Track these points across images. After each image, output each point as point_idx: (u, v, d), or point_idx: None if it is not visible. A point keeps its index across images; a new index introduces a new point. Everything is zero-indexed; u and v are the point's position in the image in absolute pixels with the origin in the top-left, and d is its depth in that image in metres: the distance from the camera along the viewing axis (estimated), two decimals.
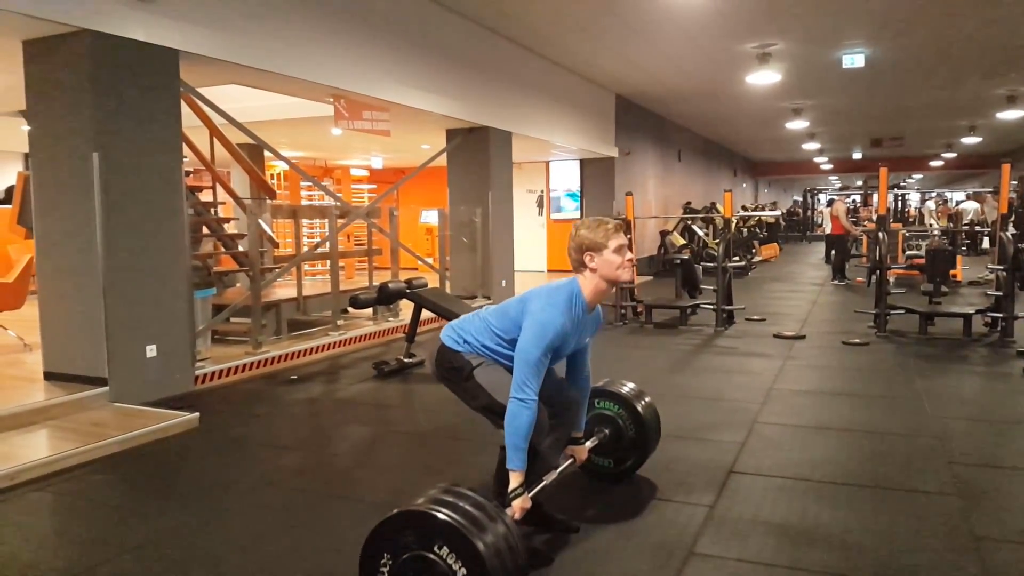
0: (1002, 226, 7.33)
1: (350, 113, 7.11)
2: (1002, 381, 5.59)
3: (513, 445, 2.51)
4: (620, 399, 3.37)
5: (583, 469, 3.36)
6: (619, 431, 3.35)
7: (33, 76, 4.85)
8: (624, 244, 2.68)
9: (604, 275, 2.66)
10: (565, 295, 2.63)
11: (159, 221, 5.10)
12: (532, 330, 2.55)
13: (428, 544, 2.10)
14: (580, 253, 2.67)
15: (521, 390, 2.51)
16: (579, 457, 3.04)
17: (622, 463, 3.40)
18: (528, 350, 2.53)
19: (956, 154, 24.08)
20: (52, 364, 4.98)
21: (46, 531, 3.22)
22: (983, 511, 3.14)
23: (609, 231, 2.66)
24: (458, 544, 2.06)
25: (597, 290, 2.69)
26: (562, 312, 2.58)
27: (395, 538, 2.15)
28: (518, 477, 2.52)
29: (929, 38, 9.62)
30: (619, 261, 2.66)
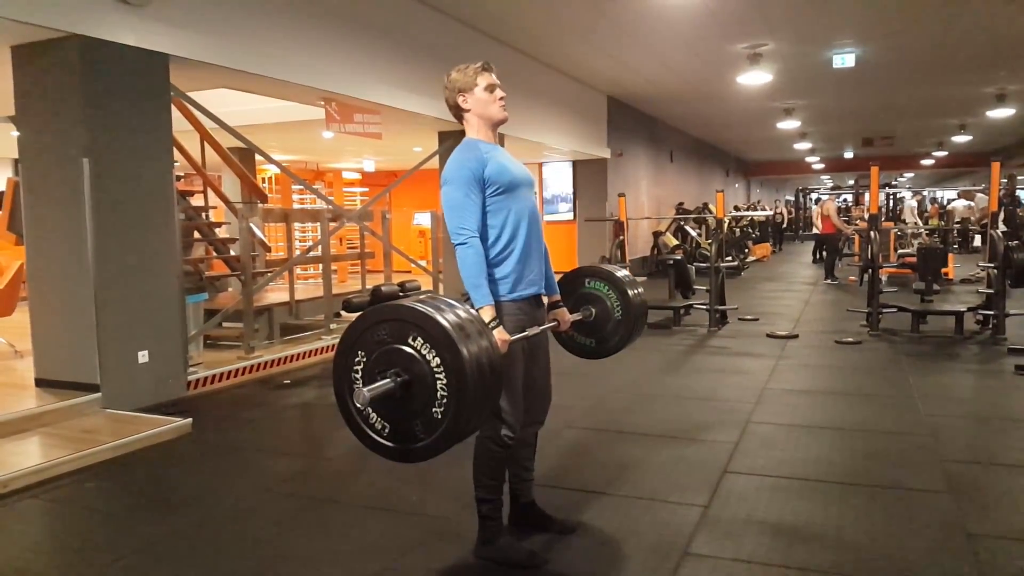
0: (992, 224, 7.37)
1: (341, 116, 7.09)
2: (994, 378, 5.62)
3: (472, 285, 2.50)
4: (612, 281, 3.26)
5: (564, 346, 3.28)
6: (606, 312, 3.24)
7: (22, 81, 4.83)
8: (495, 83, 2.70)
9: (479, 113, 2.69)
10: (461, 147, 2.65)
11: (150, 226, 5.08)
12: (446, 180, 2.58)
13: (402, 337, 2.09)
14: (454, 96, 2.70)
15: (458, 234, 2.51)
16: (563, 320, 2.97)
17: (604, 344, 3.29)
18: (448, 196, 2.55)
19: (947, 152, 24.18)
20: (43, 371, 4.95)
21: (39, 539, 3.20)
22: (975, 508, 3.15)
23: (477, 70, 2.69)
24: (432, 335, 2.06)
25: (483, 131, 2.71)
26: (460, 154, 2.60)
27: (369, 334, 2.14)
28: (488, 311, 2.48)
29: (919, 37, 9.66)
30: (491, 98, 2.68)
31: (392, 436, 2.16)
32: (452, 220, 2.54)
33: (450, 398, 2.06)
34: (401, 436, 2.16)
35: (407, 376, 2.09)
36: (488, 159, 2.60)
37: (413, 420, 2.12)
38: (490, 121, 2.71)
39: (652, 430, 4.40)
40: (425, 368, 2.07)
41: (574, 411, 4.72)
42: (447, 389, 2.06)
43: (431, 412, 2.09)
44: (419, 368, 2.08)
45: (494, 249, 2.61)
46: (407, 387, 2.09)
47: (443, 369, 2.06)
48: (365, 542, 2.99)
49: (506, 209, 2.62)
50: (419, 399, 2.09)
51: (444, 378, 2.06)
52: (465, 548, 2.80)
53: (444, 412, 2.08)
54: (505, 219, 2.61)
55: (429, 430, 2.11)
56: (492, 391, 2.18)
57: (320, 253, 7.49)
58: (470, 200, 2.54)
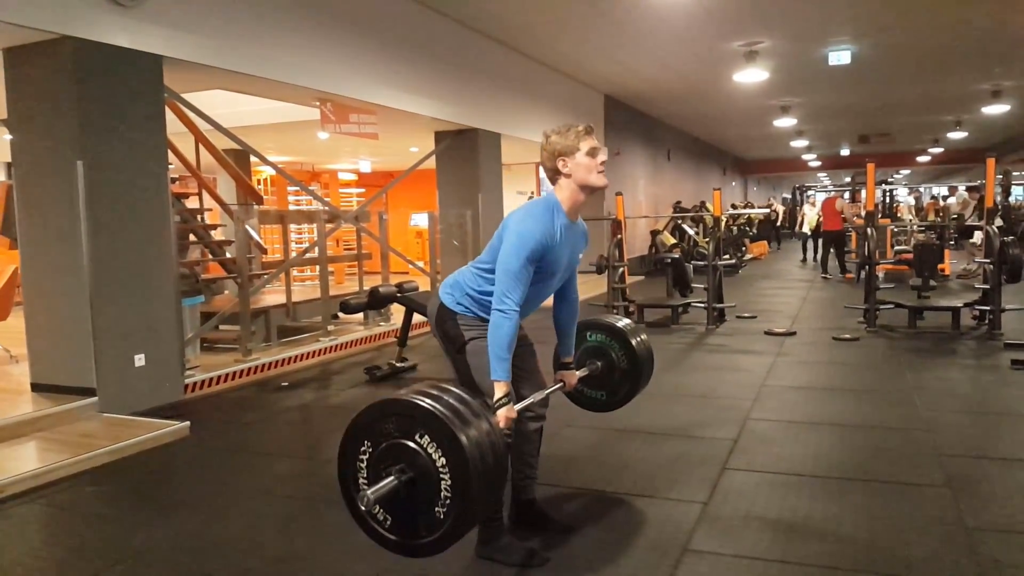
0: (988, 220, 7.38)
1: (337, 117, 7.08)
2: (991, 373, 5.62)
3: (496, 356, 2.49)
4: (613, 331, 3.29)
5: (574, 401, 3.32)
6: (611, 364, 3.28)
7: (15, 84, 4.81)
8: (597, 147, 2.64)
9: (578, 180, 2.63)
10: (542, 207, 2.61)
11: (145, 229, 5.06)
12: (511, 241, 2.52)
13: (409, 432, 2.09)
14: (553, 160, 2.64)
15: (502, 301, 2.49)
16: (568, 382, 3.00)
17: (613, 396, 3.33)
18: (508, 260, 2.50)
19: (943, 149, 24.22)
20: (39, 375, 4.94)
21: (36, 544, 3.18)
22: (974, 502, 3.15)
23: (580, 133, 2.63)
24: (439, 433, 2.05)
25: (574, 199, 2.65)
26: (540, 220, 2.55)
27: (376, 426, 2.14)
28: (503, 387, 2.49)
29: (915, 34, 9.68)
30: (592, 163, 2.62)
31: (394, 530, 2.16)
32: (502, 284, 2.51)
33: (454, 498, 2.05)
34: (404, 531, 2.15)
35: (412, 473, 2.09)
36: (555, 243, 2.58)
37: (416, 517, 2.12)
38: (588, 188, 2.66)
39: (651, 428, 4.39)
40: (430, 467, 2.07)
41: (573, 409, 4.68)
42: (451, 490, 2.05)
43: (434, 512, 2.09)
44: (424, 466, 2.07)
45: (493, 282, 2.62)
46: (411, 484, 2.09)
47: (448, 470, 2.05)
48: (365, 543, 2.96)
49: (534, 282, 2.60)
50: (423, 497, 2.09)
51: (449, 479, 2.05)
52: (466, 547, 2.79)
53: (447, 512, 2.07)
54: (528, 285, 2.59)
55: (431, 529, 2.10)
56: (497, 485, 2.19)
57: (317, 255, 7.48)
58: (525, 273, 2.52)
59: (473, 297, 2.70)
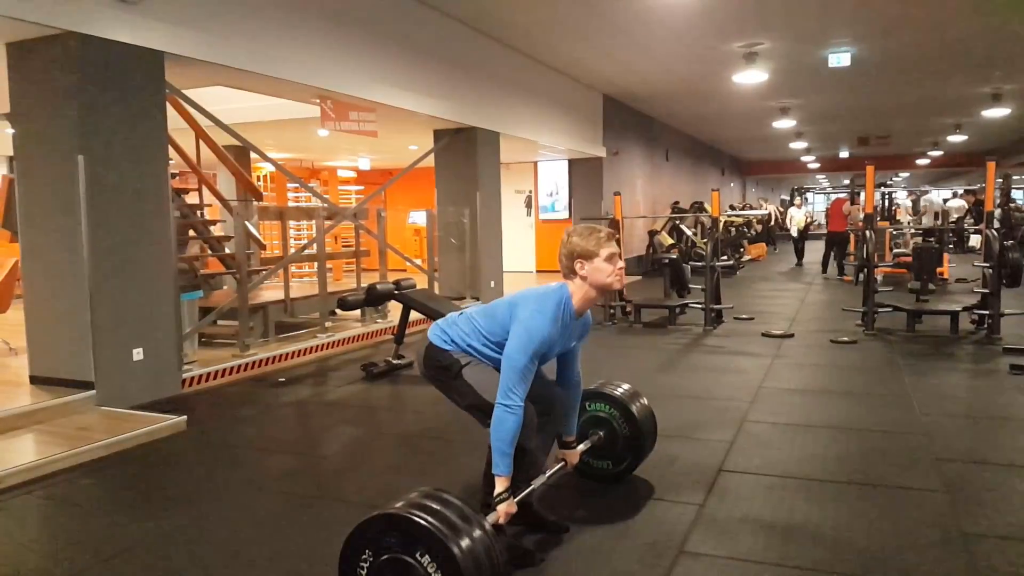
0: (987, 223, 7.39)
1: (336, 114, 7.08)
2: (989, 378, 5.63)
3: (499, 451, 2.52)
4: (612, 400, 3.37)
5: (581, 473, 3.38)
6: (613, 432, 3.35)
7: (17, 79, 4.81)
8: (615, 253, 2.69)
9: (594, 283, 2.67)
10: (554, 302, 2.63)
11: (145, 224, 5.06)
12: (519, 337, 2.55)
13: (410, 549, 2.13)
14: (571, 260, 2.67)
15: (507, 396, 2.51)
16: (570, 461, 3.04)
17: (619, 463, 3.40)
18: (515, 356, 2.54)
19: (942, 152, 24.24)
20: (38, 368, 4.94)
21: (33, 536, 3.19)
22: (971, 507, 3.16)
23: (601, 240, 2.67)
24: (439, 554, 2.10)
25: (587, 297, 2.70)
26: (550, 319, 2.59)
27: (378, 538, 2.19)
28: (504, 482, 2.54)
29: (915, 37, 9.68)
30: (610, 270, 2.66)
31: None
32: (508, 379, 2.54)
33: None
34: None
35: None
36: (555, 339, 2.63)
37: None
38: (603, 291, 2.71)
39: None
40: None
41: None
42: None
43: None
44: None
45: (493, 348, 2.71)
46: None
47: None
48: None
49: None
50: None
51: None
52: None
53: None
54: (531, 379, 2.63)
55: None
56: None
57: (315, 251, 7.48)
58: (531, 367, 2.57)
59: (470, 345, 2.76)
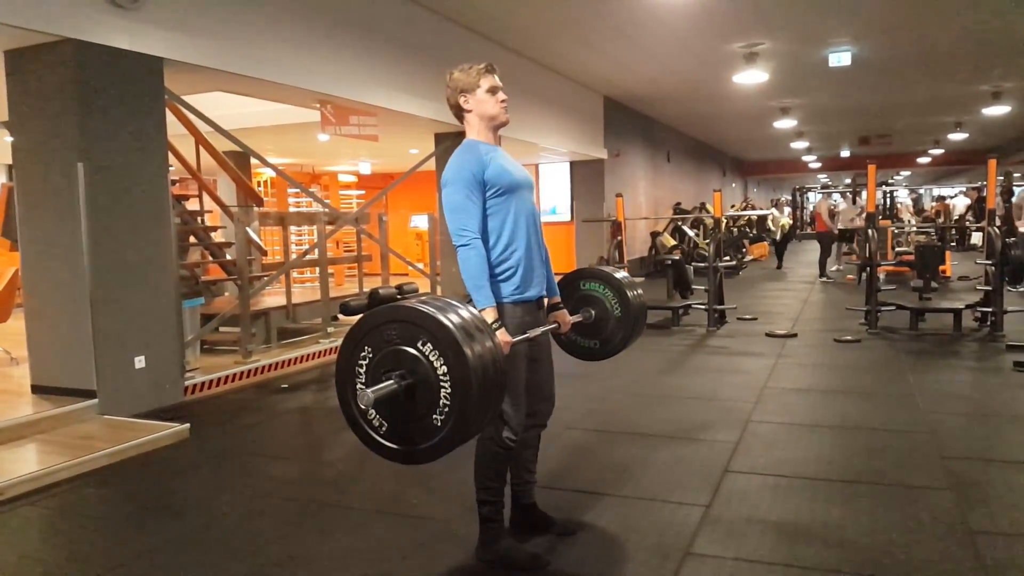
0: (989, 221, 7.37)
1: (337, 118, 7.08)
2: (993, 375, 5.61)
3: (474, 287, 2.50)
4: (608, 281, 3.26)
5: (568, 351, 3.28)
6: (605, 312, 3.25)
7: (16, 86, 4.80)
8: (497, 85, 2.69)
9: (481, 114, 2.68)
10: (460, 149, 2.64)
11: (145, 231, 5.05)
12: (446, 182, 2.57)
13: (411, 340, 2.08)
14: (455, 96, 2.69)
15: (460, 236, 2.51)
16: (563, 323, 2.96)
17: (607, 343, 3.30)
18: (448, 200, 2.54)
19: (943, 150, 24.21)
20: (39, 377, 4.93)
21: (36, 546, 3.17)
22: (977, 505, 3.14)
23: (480, 71, 2.68)
24: (442, 342, 2.05)
25: (484, 131, 2.70)
26: (460, 156, 2.59)
27: (378, 332, 2.13)
28: (491, 313, 2.48)
29: (915, 36, 9.67)
30: (493, 100, 2.68)
31: (390, 436, 2.15)
32: (453, 222, 2.53)
33: (452, 407, 2.04)
34: (399, 437, 2.14)
35: (412, 379, 2.08)
36: (488, 161, 2.59)
37: (413, 424, 2.11)
38: (491, 123, 2.70)
39: (652, 430, 4.38)
40: (431, 374, 2.06)
41: (574, 412, 4.70)
42: (451, 398, 2.04)
43: (431, 419, 2.08)
44: (425, 373, 2.07)
45: (495, 251, 2.60)
46: (411, 390, 2.08)
47: (448, 378, 2.04)
48: (366, 545, 2.97)
49: (506, 211, 2.61)
50: (421, 404, 2.08)
51: (449, 387, 2.04)
52: (466, 551, 2.78)
53: (444, 420, 2.06)
54: (504, 220, 2.60)
55: (427, 435, 2.09)
56: (495, 399, 2.17)
57: (317, 256, 7.47)
58: (471, 202, 2.53)
59: None
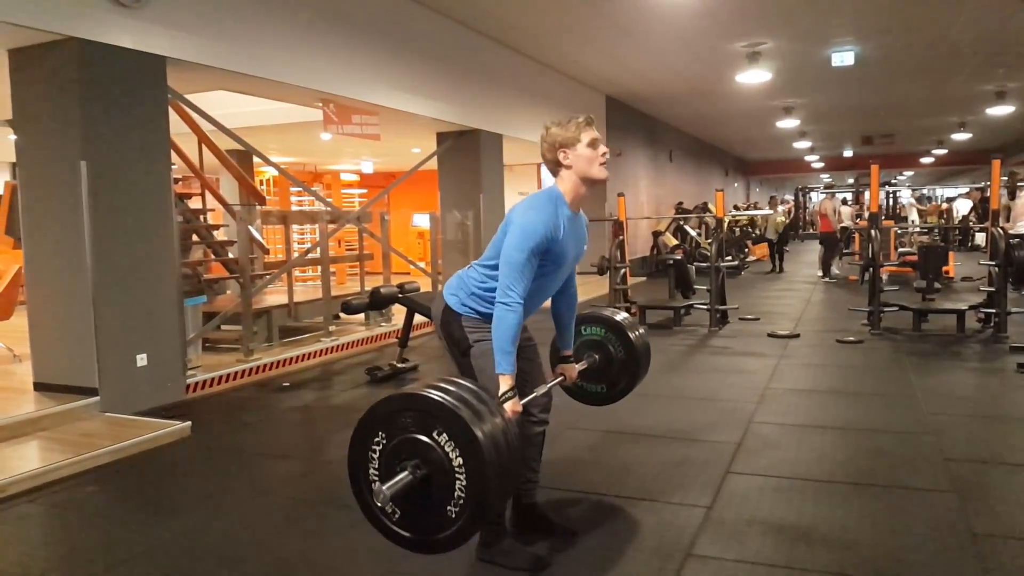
0: (993, 222, 7.36)
1: (339, 118, 7.08)
2: (996, 377, 5.60)
3: (500, 349, 2.47)
4: (609, 324, 3.29)
5: (574, 396, 3.32)
6: (608, 356, 3.29)
7: (19, 85, 4.81)
8: (597, 138, 2.63)
9: (579, 172, 2.61)
10: (545, 197, 2.59)
11: (148, 229, 5.06)
12: (515, 234, 2.50)
13: (427, 428, 2.07)
14: (554, 152, 2.62)
15: (506, 294, 2.47)
16: (569, 375, 2.98)
17: (613, 388, 3.34)
18: (511, 254, 2.48)
19: (947, 150, 24.17)
20: (42, 375, 4.94)
21: (38, 543, 3.18)
22: (980, 508, 3.13)
23: (581, 125, 2.61)
24: (457, 432, 2.04)
25: (576, 190, 2.63)
26: (543, 212, 2.53)
27: (394, 419, 2.13)
28: (508, 380, 2.47)
29: (918, 36, 9.65)
30: (593, 155, 2.60)
31: (404, 524, 2.14)
32: (505, 276, 2.48)
33: (468, 497, 2.04)
34: (414, 527, 2.14)
35: (427, 469, 2.07)
36: (559, 235, 2.56)
37: (428, 514, 2.10)
38: (590, 180, 2.64)
39: (654, 431, 4.38)
40: (446, 464, 2.06)
41: (576, 412, 4.67)
42: (466, 489, 2.04)
43: (446, 510, 2.07)
44: (439, 462, 2.06)
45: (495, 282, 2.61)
46: (426, 480, 2.07)
47: (464, 470, 2.04)
48: (367, 545, 2.96)
49: (539, 275, 2.58)
50: (437, 494, 2.08)
51: (464, 479, 2.04)
52: (468, 551, 2.77)
53: (460, 511, 2.06)
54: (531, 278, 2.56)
55: (443, 526, 2.09)
56: (511, 480, 2.17)
57: (319, 255, 7.47)
58: (530, 266, 2.50)
59: (478, 295, 2.67)
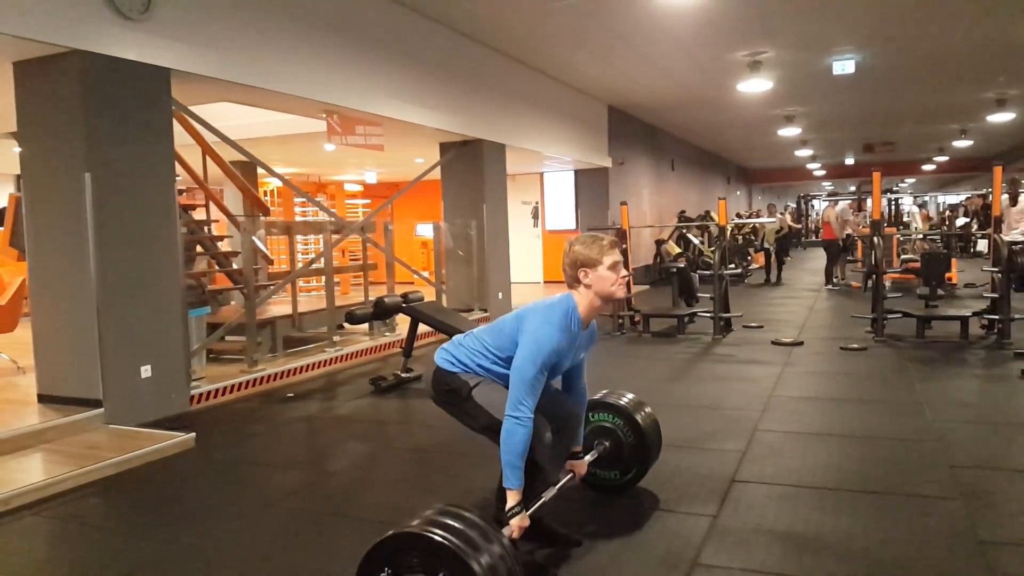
0: (995, 228, 7.35)
1: (343, 128, 7.10)
2: (1001, 383, 5.58)
3: (509, 463, 2.50)
4: (616, 409, 3.36)
5: (589, 485, 3.36)
6: (618, 442, 3.34)
7: (24, 97, 4.83)
8: (619, 261, 2.70)
9: (598, 291, 2.67)
10: (561, 312, 2.63)
11: (152, 240, 5.07)
12: (528, 348, 2.55)
13: (431, 569, 2.11)
14: (575, 269, 2.68)
15: (516, 408, 2.50)
16: (579, 472, 3.02)
17: (626, 473, 3.38)
18: (524, 368, 2.53)
19: (948, 158, 24.19)
20: (46, 387, 4.94)
21: (42, 557, 3.17)
22: (987, 514, 3.12)
23: (604, 248, 2.67)
24: (459, 572, 2.07)
25: (592, 306, 2.70)
26: (558, 328, 2.58)
27: (397, 557, 2.17)
28: (515, 496, 2.51)
29: (919, 44, 9.67)
30: (613, 278, 2.67)
31: None
32: (517, 391, 2.53)
33: None
34: None
35: None
36: (567, 349, 2.64)
37: None
38: (609, 299, 2.71)
39: None
40: None
41: None
42: None
43: None
44: None
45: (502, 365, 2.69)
46: None
47: None
48: None
49: None
50: None
51: None
52: None
53: None
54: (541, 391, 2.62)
55: None
56: None
57: (322, 265, 7.48)
58: (540, 380, 2.56)
59: (479, 364, 2.74)
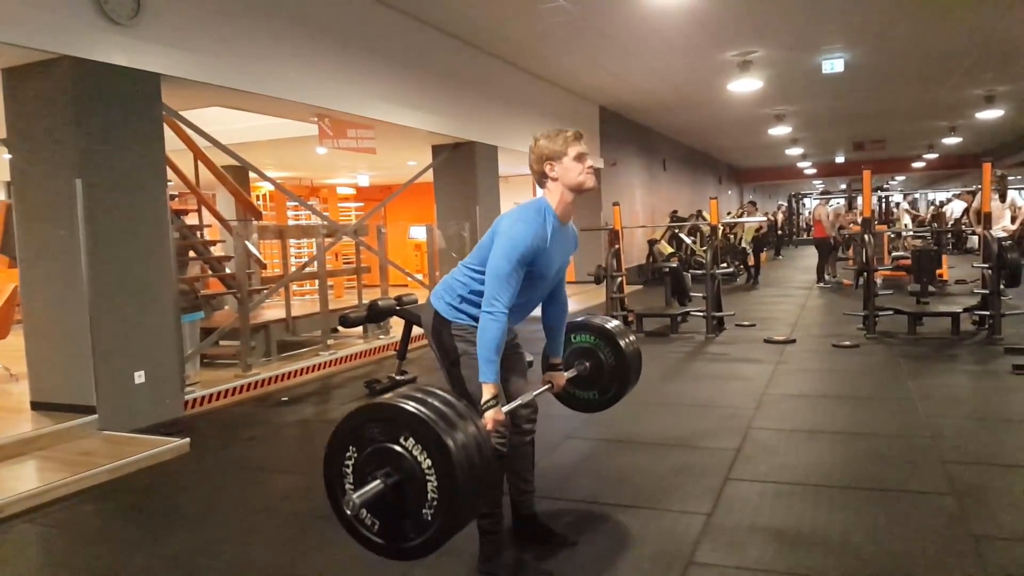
0: (985, 225, 7.40)
1: (335, 132, 7.10)
2: (992, 379, 5.62)
3: (484, 358, 2.49)
4: (597, 330, 3.30)
5: (566, 403, 3.33)
6: (599, 363, 3.29)
7: (13, 104, 4.82)
8: (584, 152, 2.67)
9: (567, 183, 2.64)
10: (533, 210, 2.62)
11: (144, 246, 5.06)
12: (502, 245, 2.53)
13: (394, 436, 2.08)
14: (541, 164, 2.66)
15: (491, 303, 2.49)
16: (556, 383, 3.00)
17: (605, 393, 3.34)
18: (499, 265, 2.51)
19: (937, 155, 24.32)
20: (39, 394, 4.92)
21: (36, 564, 3.16)
22: (979, 510, 3.14)
23: (568, 139, 2.65)
24: (424, 436, 2.04)
25: (564, 201, 2.66)
26: (531, 223, 2.56)
27: (360, 432, 2.13)
28: (491, 389, 2.49)
29: (907, 41, 9.73)
30: (580, 168, 2.65)
31: (383, 534, 2.14)
32: (491, 287, 2.52)
33: (441, 500, 2.04)
34: (393, 535, 2.13)
35: (398, 476, 2.07)
36: (546, 246, 2.60)
37: (405, 520, 2.10)
38: (577, 190, 2.67)
39: (653, 438, 4.38)
40: (416, 469, 2.06)
41: (574, 421, 4.69)
42: (438, 491, 2.04)
43: (422, 514, 2.07)
44: (410, 468, 2.06)
45: None
46: (398, 487, 2.08)
47: (434, 471, 2.04)
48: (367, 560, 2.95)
49: (526, 286, 2.62)
50: (411, 500, 2.08)
51: (435, 480, 2.04)
52: (469, 564, 2.78)
53: (435, 514, 2.05)
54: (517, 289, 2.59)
55: (420, 530, 2.08)
56: (484, 485, 2.16)
57: (316, 269, 7.47)
58: (515, 276, 2.53)
59: (466, 298, 2.70)
